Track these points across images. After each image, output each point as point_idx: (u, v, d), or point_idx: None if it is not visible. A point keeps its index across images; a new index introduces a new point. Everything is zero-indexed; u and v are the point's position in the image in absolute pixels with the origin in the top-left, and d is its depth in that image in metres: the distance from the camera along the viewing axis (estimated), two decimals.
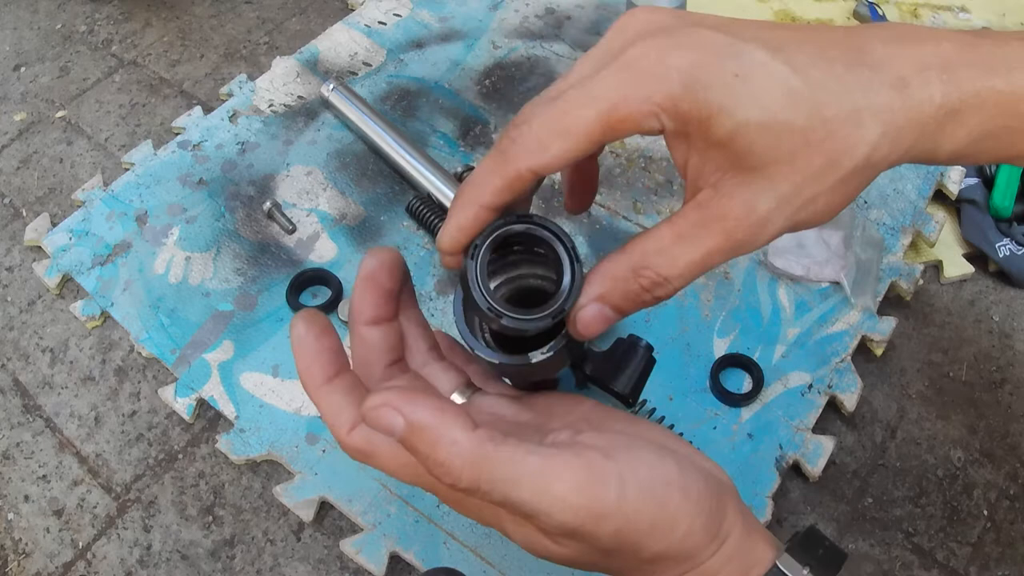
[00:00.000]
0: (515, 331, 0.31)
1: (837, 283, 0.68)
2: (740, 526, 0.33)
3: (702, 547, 0.32)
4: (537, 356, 0.33)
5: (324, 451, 0.61)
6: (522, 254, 0.35)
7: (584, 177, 0.37)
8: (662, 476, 0.31)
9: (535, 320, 0.31)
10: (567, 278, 0.31)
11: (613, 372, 0.37)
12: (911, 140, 0.29)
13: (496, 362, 0.33)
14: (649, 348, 0.37)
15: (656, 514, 0.30)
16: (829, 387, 0.63)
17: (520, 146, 0.29)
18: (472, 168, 0.75)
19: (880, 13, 0.89)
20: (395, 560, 0.57)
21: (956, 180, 0.74)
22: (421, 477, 0.33)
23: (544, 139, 0.29)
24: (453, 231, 0.31)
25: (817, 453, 0.60)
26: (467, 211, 0.31)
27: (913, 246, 0.72)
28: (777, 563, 0.33)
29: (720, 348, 0.65)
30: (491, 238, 0.31)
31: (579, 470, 0.29)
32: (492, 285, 0.34)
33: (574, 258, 0.32)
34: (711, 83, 0.27)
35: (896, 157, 0.30)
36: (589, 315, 0.31)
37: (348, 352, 0.35)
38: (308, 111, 0.83)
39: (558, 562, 0.33)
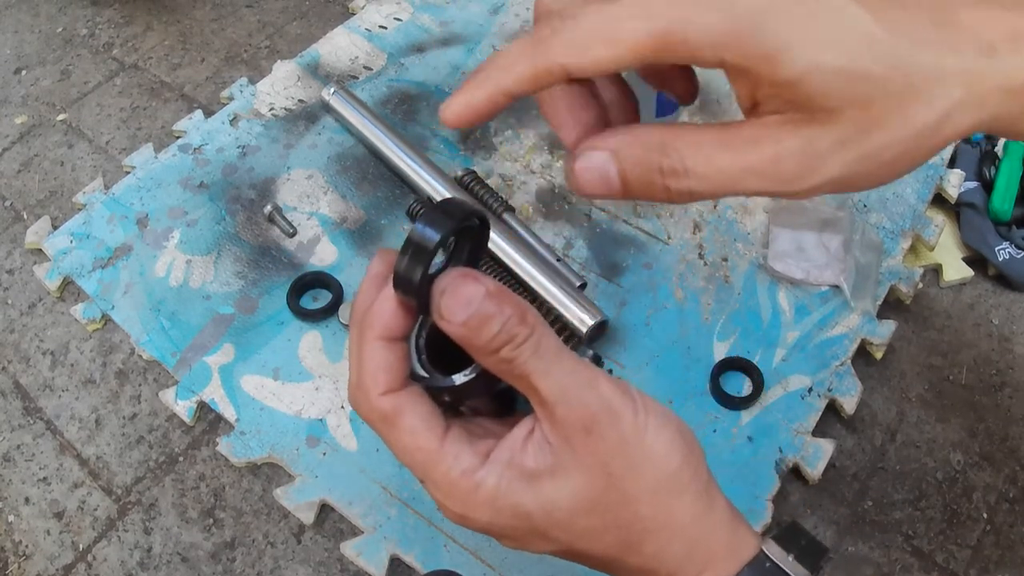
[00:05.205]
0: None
1: (837, 287, 0.68)
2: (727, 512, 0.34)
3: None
4: (460, 378, 0.33)
5: (324, 454, 0.61)
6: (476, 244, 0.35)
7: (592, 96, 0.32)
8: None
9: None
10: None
11: None
12: (992, 109, 0.28)
13: (425, 385, 0.33)
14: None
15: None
16: (829, 390, 0.63)
17: (561, 39, 0.27)
18: (473, 172, 0.75)
19: None
20: (395, 563, 0.57)
21: (955, 184, 0.75)
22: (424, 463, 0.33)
23: (588, 40, 0.26)
24: (461, 106, 0.29)
25: (817, 456, 0.60)
26: (483, 89, 0.28)
27: (913, 250, 0.72)
28: (763, 548, 0.33)
29: (720, 351, 0.65)
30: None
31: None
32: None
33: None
34: (781, 19, 0.25)
35: (971, 124, 0.28)
36: (593, 162, 0.28)
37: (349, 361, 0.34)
38: (309, 115, 0.83)
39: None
